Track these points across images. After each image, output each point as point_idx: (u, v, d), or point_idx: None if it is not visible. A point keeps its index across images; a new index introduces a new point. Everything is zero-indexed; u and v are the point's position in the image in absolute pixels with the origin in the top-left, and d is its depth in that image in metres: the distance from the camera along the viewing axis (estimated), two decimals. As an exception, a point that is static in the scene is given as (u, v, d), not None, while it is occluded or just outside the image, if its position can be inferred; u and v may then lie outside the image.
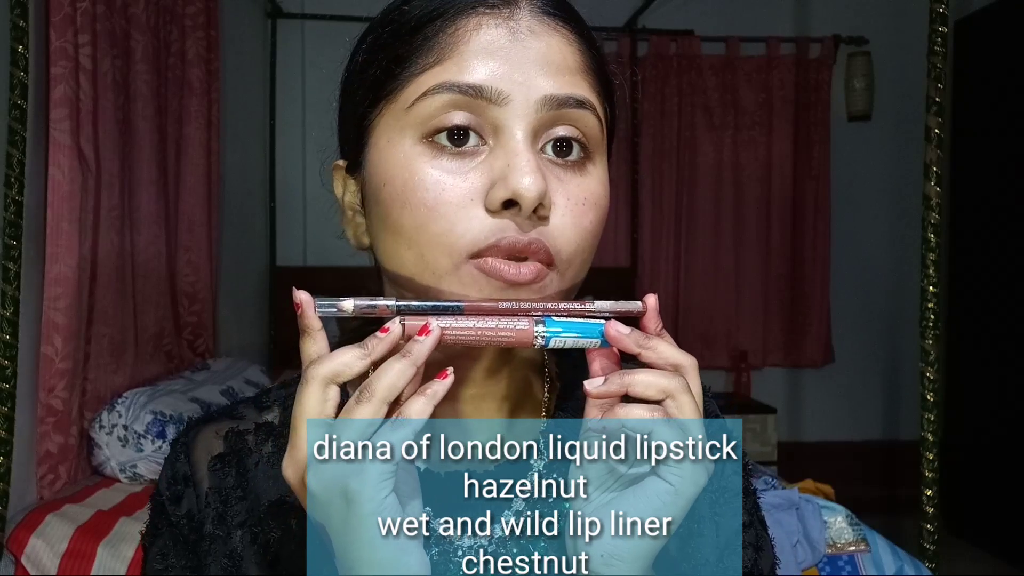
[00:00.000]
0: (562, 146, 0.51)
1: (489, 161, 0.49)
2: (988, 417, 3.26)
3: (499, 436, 0.58)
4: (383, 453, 0.43)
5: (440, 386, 0.45)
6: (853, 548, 1.65)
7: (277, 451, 0.59)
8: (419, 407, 0.44)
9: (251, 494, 0.58)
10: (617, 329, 0.48)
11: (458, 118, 0.49)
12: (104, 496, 1.75)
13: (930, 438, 1.77)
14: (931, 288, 1.76)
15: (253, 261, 3.44)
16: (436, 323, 0.46)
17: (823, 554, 1.63)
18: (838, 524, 1.68)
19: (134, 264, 2.15)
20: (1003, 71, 3.20)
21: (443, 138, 0.49)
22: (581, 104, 0.51)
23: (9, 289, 1.49)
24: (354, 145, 0.55)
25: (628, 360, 0.50)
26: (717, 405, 0.65)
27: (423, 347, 0.45)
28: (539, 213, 0.49)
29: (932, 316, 1.76)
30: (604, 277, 3.61)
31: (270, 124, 3.53)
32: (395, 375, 0.44)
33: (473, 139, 0.50)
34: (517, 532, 0.55)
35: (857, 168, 3.89)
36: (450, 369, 0.46)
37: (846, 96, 3.78)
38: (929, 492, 1.77)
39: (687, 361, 0.48)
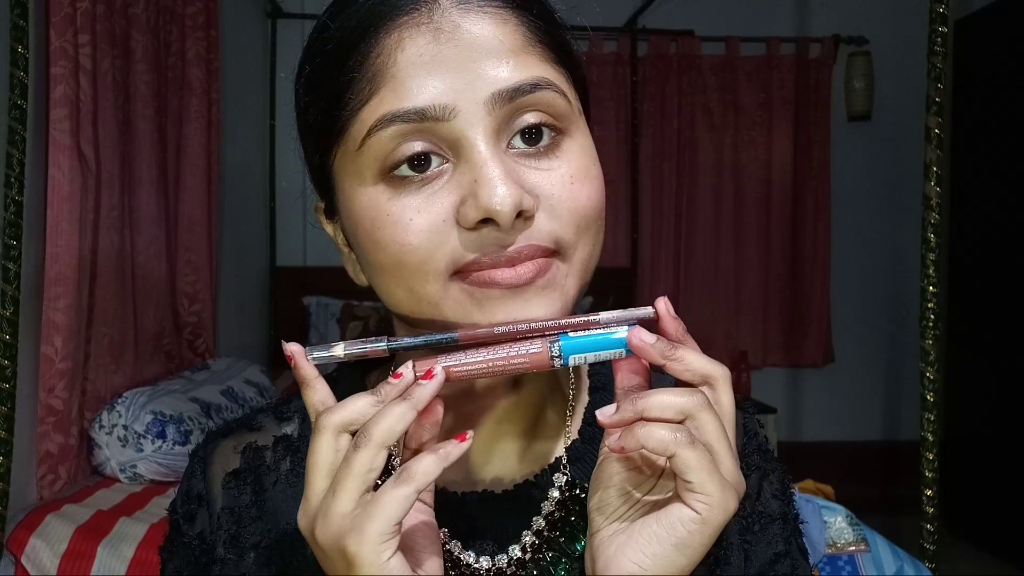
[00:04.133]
0: (530, 134, 0.47)
1: (455, 179, 0.45)
2: (988, 417, 3.26)
3: (517, 454, 0.55)
4: (384, 509, 0.40)
5: (455, 448, 0.42)
6: (853, 548, 1.65)
7: (294, 468, 0.57)
8: (427, 465, 0.41)
9: (267, 514, 0.56)
10: (641, 338, 0.44)
11: (413, 148, 0.45)
12: (104, 496, 1.75)
13: (930, 438, 1.76)
14: (931, 288, 1.75)
15: (253, 261, 3.44)
16: (440, 367, 0.43)
17: (823, 554, 1.63)
18: (838, 524, 1.68)
19: (134, 264, 2.15)
20: (1003, 71, 3.20)
21: (404, 169, 0.46)
22: (536, 86, 0.46)
23: (9, 289, 1.49)
24: (324, 191, 0.53)
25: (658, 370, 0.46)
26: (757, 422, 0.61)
27: (425, 391, 0.43)
28: (523, 217, 0.45)
29: (932, 316, 1.76)
30: (604, 277, 3.60)
31: (270, 124, 3.53)
32: (393, 419, 0.41)
33: (435, 161, 0.46)
34: (537, 553, 0.52)
35: (857, 168, 3.89)
36: (470, 433, 0.43)
37: (846, 96, 3.78)
38: (929, 492, 1.77)
39: (718, 372, 0.44)
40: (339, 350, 0.45)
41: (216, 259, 2.70)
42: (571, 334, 0.45)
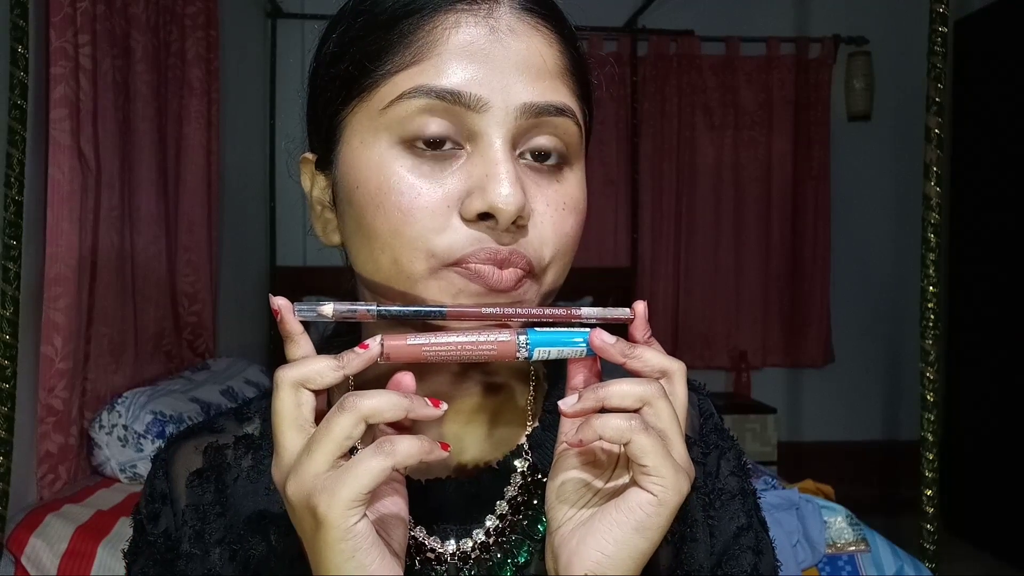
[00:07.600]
0: (540, 152, 0.49)
1: (467, 167, 0.48)
2: (988, 417, 3.26)
3: (481, 442, 0.57)
4: (358, 477, 0.41)
5: (437, 451, 0.44)
6: (853, 548, 1.65)
7: (256, 465, 0.58)
8: (409, 447, 0.42)
9: (230, 510, 0.56)
10: (602, 339, 0.46)
11: (435, 126, 0.47)
12: (104, 496, 1.75)
13: (930, 438, 1.76)
14: (931, 288, 1.75)
15: (253, 261, 3.44)
16: (445, 404, 0.45)
17: (823, 554, 1.63)
18: (838, 524, 1.68)
19: (134, 264, 2.15)
20: (1003, 71, 3.20)
21: (420, 142, 0.48)
22: (561, 112, 0.49)
23: (9, 289, 1.49)
24: (325, 142, 0.53)
25: (612, 370, 0.48)
26: (714, 404, 0.63)
27: (426, 411, 0.44)
28: (518, 223, 0.47)
29: (932, 316, 1.76)
30: (604, 277, 3.61)
31: (270, 124, 3.53)
32: (386, 403, 0.42)
33: (450, 144, 0.48)
34: (500, 536, 0.54)
35: (857, 168, 3.89)
36: (449, 448, 0.45)
37: (846, 96, 3.78)
38: (929, 492, 1.77)
39: (674, 366, 0.47)
40: (327, 309, 0.46)
41: (216, 259, 2.70)
42: (539, 329, 0.47)
